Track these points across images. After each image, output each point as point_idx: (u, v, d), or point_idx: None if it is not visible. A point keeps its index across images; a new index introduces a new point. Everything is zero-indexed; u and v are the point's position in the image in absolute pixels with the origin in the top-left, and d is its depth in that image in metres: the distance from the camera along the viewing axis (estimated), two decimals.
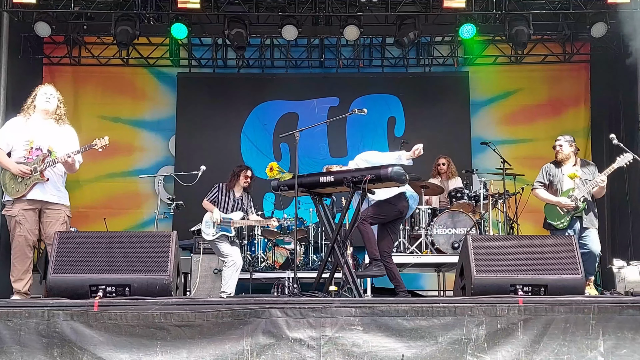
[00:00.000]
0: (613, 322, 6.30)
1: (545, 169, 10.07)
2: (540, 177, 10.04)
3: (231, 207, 11.28)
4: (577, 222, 9.69)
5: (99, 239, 7.30)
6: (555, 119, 15.85)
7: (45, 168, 8.17)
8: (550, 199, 9.82)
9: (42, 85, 8.68)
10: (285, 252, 13.31)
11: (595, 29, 13.92)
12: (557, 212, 9.75)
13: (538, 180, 10.04)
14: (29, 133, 8.27)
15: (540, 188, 9.98)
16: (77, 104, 15.88)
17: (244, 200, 11.43)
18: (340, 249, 8.46)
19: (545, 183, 9.98)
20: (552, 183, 9.93)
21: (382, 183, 8.20)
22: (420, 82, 16.32)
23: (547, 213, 9.92)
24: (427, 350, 6.14)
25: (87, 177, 15.43)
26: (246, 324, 6.17)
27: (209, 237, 11.15)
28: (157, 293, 6.87)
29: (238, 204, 11.34)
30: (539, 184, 10.01)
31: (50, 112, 8.41)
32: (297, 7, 13.97)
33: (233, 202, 11.31)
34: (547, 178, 9.97)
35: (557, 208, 9.74)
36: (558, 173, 9.91)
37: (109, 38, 14.78)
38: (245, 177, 11.37)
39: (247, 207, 11.45)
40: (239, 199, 11.37)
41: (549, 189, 9.93)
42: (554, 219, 9.77)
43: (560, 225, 9.70)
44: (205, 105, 16.09)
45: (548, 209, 9.91)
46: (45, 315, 6.12)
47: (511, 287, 7.14)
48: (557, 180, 9.88)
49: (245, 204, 11.43)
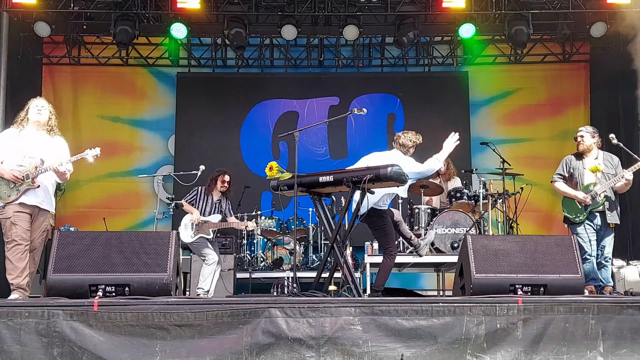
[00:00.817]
0: (613, 322, 6.32)
1: (565, 161, 9.83)
2: (560, 169, 9.81)
3: (209, 210, 11.40)
4: (598, 218, 9.50)
5: (99, 238, 7.33)
6: (555, 118, 15.87)
7: (37, 175, 8.30)
8: (568, 192, 9.60)
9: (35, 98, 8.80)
10: (284, 252, 13.33)
11: (594, 29, 13.93)
12: (575, 205, 9.54)
13: (558, 173, 9.80)
14: (21, 144, 8.42)
15: (560, 181, 9.75)
16: (76, 103, 15.93)
17: (222, 203, 11.54)
18: (339, 248, 8.46)
19: (565, 175, 9.74)
20: (572, 176, 9.67)
21: (381, 183, 8.19)
22: (419, 82, 16.31)
23: (565, 206, 9.71)
24: (427, 350, 6.15)
25: (86, 176, 15.44)
26: (246, 323, 6.18)
27: (187, 239, 11.26)
28: (157, 293, 6.90)
29: (216, 207, 11.47)
30: (558, 177, 9.78)
31: (42, 124, 8.56)
32: (297, 7, 13.97)
33: (211, 206, 11.43)
34: (567, 170, 9.72)
35: (575, 202, 9.53)
36: (579, 166, 9.67)
37: (109, 38, 14.78)
38: (222, 181, 11.45)
39: (225, 210, 11.56)
40: (216, 202, 11.48)
41: (569, 182, 9.68)
42: (571, 213, 9.58)
43: (576, 219, 9.50)
44: (205, 105, 16.07)
45: (566, 201, 9.70)
46: (45, 315, 6.13)
47: (510, 286, 7.16)
48: (577, 174, 9.64)
49: (223, 207, 11.55)
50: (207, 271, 11.12)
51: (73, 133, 15.77)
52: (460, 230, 11.78)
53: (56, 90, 15.94)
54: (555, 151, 14.30)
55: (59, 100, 15.81)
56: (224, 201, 11.55)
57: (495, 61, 16.20)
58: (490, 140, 13.32)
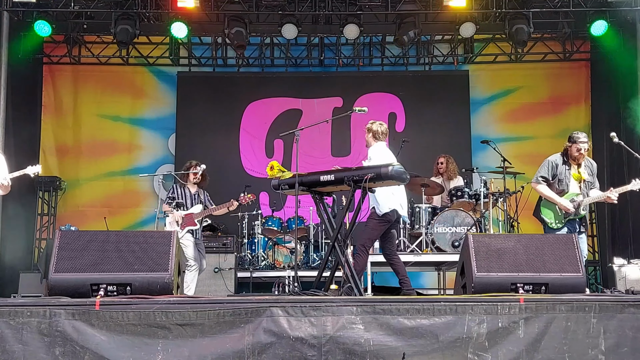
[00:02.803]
0: (614, 321, 6.31)
1: (551, 164, 9.62)
2: (544, 171, 9.60)
3: (190, 202, 11.32)
4: (576, 224, 9.45)
5: (100, 238, 7.34)
6: (556, 116, 15.88)
7: None
8: (553, 198, 9.44)
9: None
10: (285, 251, 13.33)
11: (595, 27, 13.93)
12: (556, 211, 9.48)
13: (542, 175, 9.60)
14: None
15: (543, 184, 9.57)
16: (76, 103, 15.95)
17: (200, 195, 11.45)
18: (340, 247, 8.47)
19: (548, 179, 9.56)
20: (559, 181, 9.52)
21: (382, 182, 8.21)
22: (420, 81, 16.30)
23: (544, 209, 9.63)
24: (429, 349, 6.15)
25: (86, 175, 15.49)
26: (248, 322, 6.18)
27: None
28: (158, 292, 6.90)
29: (195, 198, 11.38)
30: (542, 179, 9.59)
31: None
32: (297, 6, 13.98)
33: (190, 198, 11.35)
34: (551, 174, 9.55)
35: (557, 208, 9.46)
36: (565, 171, 9.53)
37: (109, 37, 14.78)
38: (194, 174, 11.37)
39: (205, 202, 11.44)
40: (195, 194, 11.40)
41: (553, 187, 9.53)
42: (549, 217, 9.53)
43: (553, 225, 9.46)
44: (205, 104, 16.07)
45: (546, 205, 9.60)
46: (47, 314, 6.12)
47: (512, 285, 7.16)
48: (564, 181, 9.51)
49: (202, 198, 11.44)
50: (189, 278, 11.04)
51: (73, 132, 15.83)
52: (461, 229, 11.78)
53: (56, 90, 15.97)
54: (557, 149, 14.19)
55: (59, 100, 15.86)
56: (201, 193, 11.47)
57: (495, 60, 16.22)
58: (491, 139, 13.35)
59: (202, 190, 11.55)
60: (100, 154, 15.84)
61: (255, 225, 13.47)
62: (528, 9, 13.84)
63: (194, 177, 11.36)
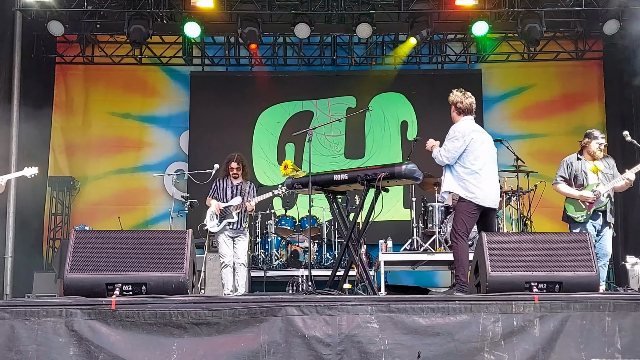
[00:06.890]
0: (629, 319, 6.31)
1: (566, 163, 9.84)
2: (562, 171, 9.82)
3: (230, 194, 11.32)
4: (600, 217, 9.53)
5: (115, 237, 7.32)
6: (569, 114, 15.86)
7: None
8: (572, 193, 9.61)
9: None
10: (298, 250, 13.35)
11: (607, 27, 13.93)
12: (579, 205, 9.56)
13: (560, 175, 9.81)
14: None
15: (562, 183, 9.76)
16: (88, 101, 16.03)
17: (243, 186, 11.42)
18: (354, 246, 8.48)
19: (566, 178, 9.76)
20: (577, 177, 9.67)
21: (396, 180, 8.23)
22: (432, 80, 16.24)
23: (568, 206, 9.71)
24: (444, 348, 6.15)
25: (95, 173, 15.55)
26: (263, 321, 6.20)
27: (214, 229, 11.28)
28: (174, 291, 6.90)
29: (237, 190, 11.37)
30: (560, 179, 9.80)
31: None
32: (310, 6, 14.03)
33: (232, 190, 11.35)
34: (569, 172, 9.75)
35: (579, 202, 9.56)
36: (581, 167, 9.69)
37: (122, 37, 14.87)
38: (230, 168, 11.39)
39: (246, 194, 11.38)
40: (237, 185, 11.39)
41: (574, 184, 9.69)
42: (574, 212, 9.59)
43: (579, 218, 9.53)
44: (218, 103, 16.10)
45: (569, 201, 9.71)
46: (63, 314, 6.15)
47: (526, 284, 7.13)
48: (582, 175, 9.65)
49: (245, 190, 11.40)
50: (224, 274, 11.17)
51: (82, 130, 15.86)
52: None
53: (68, 89, 16.04)
54: (571, 146, 14.16)
55: (70, 99, 15.93)
56: (245, 184, 11.45)
57: (508, 59, 16.20)
58: (504, 136, 13.29)
59: (248, 182, 11.56)
60: (109, 151, 15.88)
61: (269, 224, 13.50)
62: (540, 7, 13.83)
63: (230, 171, 11.38)
